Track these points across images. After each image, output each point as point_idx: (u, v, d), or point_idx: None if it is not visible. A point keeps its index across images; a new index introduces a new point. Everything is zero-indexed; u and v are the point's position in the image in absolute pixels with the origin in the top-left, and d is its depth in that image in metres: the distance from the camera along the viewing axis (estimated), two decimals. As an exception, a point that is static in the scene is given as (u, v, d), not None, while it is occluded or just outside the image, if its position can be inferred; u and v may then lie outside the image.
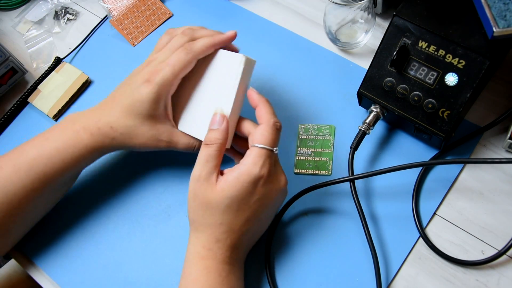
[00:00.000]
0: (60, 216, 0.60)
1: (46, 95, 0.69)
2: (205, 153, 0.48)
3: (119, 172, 0.62)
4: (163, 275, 0.56)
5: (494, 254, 0.50)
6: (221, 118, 0.49)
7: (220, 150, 0.48)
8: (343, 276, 0.53)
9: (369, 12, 0.61)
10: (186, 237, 0.57)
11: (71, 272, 0.57)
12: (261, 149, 0.47)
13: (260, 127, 0.49)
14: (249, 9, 0.71)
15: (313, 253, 0.54)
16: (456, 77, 0.51)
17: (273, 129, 0.48)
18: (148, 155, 0.62)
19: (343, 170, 0.57)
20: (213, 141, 0.48)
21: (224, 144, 0.49)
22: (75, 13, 0.77)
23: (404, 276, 0.52)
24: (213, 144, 0.48)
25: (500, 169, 0.55)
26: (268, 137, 0.48)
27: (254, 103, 0.51)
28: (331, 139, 0.60)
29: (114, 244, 0.58)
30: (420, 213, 0.54)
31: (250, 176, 0.47)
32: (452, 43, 0.51)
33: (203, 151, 0.48)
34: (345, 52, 0.66)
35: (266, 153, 0.47)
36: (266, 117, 0.49)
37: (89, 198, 0.61)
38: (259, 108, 0.50)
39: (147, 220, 0.59)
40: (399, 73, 0.54)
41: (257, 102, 0.51)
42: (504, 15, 0.48)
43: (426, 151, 0.57)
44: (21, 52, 0.76)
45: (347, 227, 0.55)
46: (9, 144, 0.67)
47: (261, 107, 0.50)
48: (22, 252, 0.59)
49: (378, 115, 0.56)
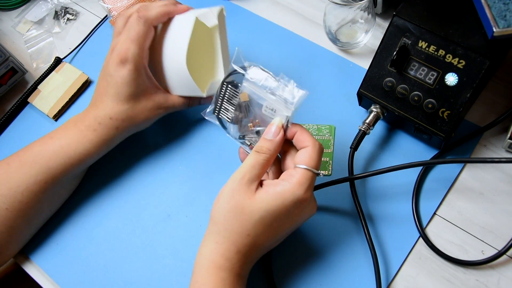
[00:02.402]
0: (60, 216, 0.60)
1: (46, 95, 0.69)
2: (253, 159, 0.47)
3: (119, 172, 0.62)
4: (163, 275, 0.56)
5: (494, 254, 0.51)
6: (277, 130, 0.48)
7: (268, 160, 0.47)
8: (343, 276, 0.53)
9: (369, 12, 0.61)
10: (186, 237, 0.57)
11: (71, 272, 0.57)
12: (307, 171, 0.46)
13: (307, 149, 0.47)
14: (249, 9, 0.71)
15: (313, 253, 0.54)
16: (456, 77, 0.51)
17: (320, 152, 0.47)
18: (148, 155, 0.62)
19: (343, 170, 0.57)
20: (264, 151, 0.47)
21: (274, 156, 0.48)
22: (75, 13, 0.77)
23: (404, 276, 0.52)
24: (263, 154, 0.47)
25: (500, 169, 0.55)
26: (315, 160, 0.47)
27: (291, 130, 0.49)
28: (331, 139, 0.60)
29: (114, 244, 0.58)
30: (420, 213, 0.54)
31: (295, 196, 0.45)
32: (452, 43, 0.51)
33: (252, 156, 0.47)
34: (345, 52, 0.66)
35: (312, 177, 0.46)
36: (312, 140, 0.48)
37: (89, 198, 0.61)
38: (300, 133, 0.48)
39: (147, 220, 0.59)
40: (399, 73, 0.54)
41: (294, 129, 0.49)
42: (504, 15, 0.48)
43: (426, 151, 0.57)
44: (21, 52, 0.76)
45: (347, 227, 0.55)
46: (9, 144, 0.67)
47: (301, 132, 0.48)
48: (22, 252, 0.59)
49: (378, 115, 0.56)
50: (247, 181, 0.46)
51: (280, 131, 0.48)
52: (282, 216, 0.46)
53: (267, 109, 0.50)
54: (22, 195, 0.53)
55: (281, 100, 0.49)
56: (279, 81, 0.49)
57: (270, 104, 0.49)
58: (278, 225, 0.46)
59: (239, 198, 0.46)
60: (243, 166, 0.47)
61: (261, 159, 0.47)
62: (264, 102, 0.50)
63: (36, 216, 0.56)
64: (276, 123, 0.48)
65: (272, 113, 0.49)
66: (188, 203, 0.59)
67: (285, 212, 0.46)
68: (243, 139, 0.53)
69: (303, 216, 0.48)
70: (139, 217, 0.59)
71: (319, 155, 0.47)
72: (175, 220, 0.59)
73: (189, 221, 0.58)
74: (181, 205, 0.59)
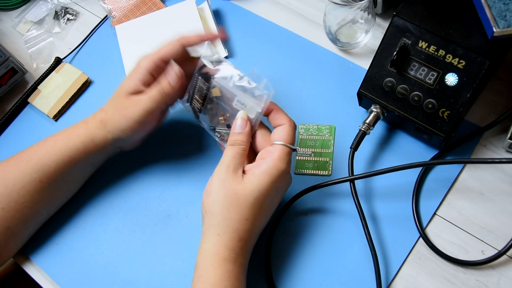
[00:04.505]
0: (60, 216, 0.60)
1: (46, 95, 0.69)
2: (231, 151, 0.50)
3: (119, 172, 0.62)
4: (163, 275, 0.56)
5: (494, 254, 0.50)
6: (243, 123, 0.51)
7: (245, 150, 0.51)
8: (343, 276, 0.53)
9: (369, 12, 0.61)
10: (186, 237, 0.57)
11: (71, 272, 0.57)
12: (285, 147, 0.50)
13: (284, 127, 0.51)
14: (249, 9, 0.71)
15: (313, 253, 0.54)
16: (456, 77, 0.51)
17: (294, 129, 0.52)
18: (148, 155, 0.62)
19: (343, 170, 0.57)
20: (239, 143, 0.51)
21: (248, 145, 0.51)
22: (75, 13, 0.77)
23: (404, 276, 0.52)
24: (239, 145, 0.51)
25: (500, 169, 0.55)
26: (292, 137, 0.51)
27: (267, 109, 0.52)
28: (331, 139, 0.60)
29: (114, 244, 0.58)
30: (420, 213, 0.54)
31: (279, 170, 0.48)
32: (452, 43, 0.51)
33: (229, 150, 0.50)
34: (345, 52, 0.66)
35: (289, 151, 0.50)
36: (287, 118, 0.52)
37: (89, 198, 0.61)
38: (276, 111, 0.52)
39: (147, 220, 0.59)
40: (399, 73, 0.54)
41: (270, 107, 0.52)
42: (504, 15, 0.48)
43: (426, 151, 0.57)
44: (21, 52, 0.76)
45: (347, 227, 0.55)
46: (9, 144, 0.67)
47: (277, 110, 0.52)
48: (22, 252, 0.59)
49: (378, 115, 0.56)
50: (233, 169, 0.49)
51: (247, 123, 0.52)
52: (272, 191, 0.49)
53: (238, 104, 0.52)
54: (18, 194, 0.53)
55: (251, 96, 0.51)
56: (249, 77, 0.52)
57: (241, 99, 0.52)
58: (270, 201, 0.49)
59: (230, 186, 0.48)
60: (225, 158, 0.50)
61: (239, 150, 0.50)
62: (235, 97, 0.52)
63: (32, 217, 0.56)
64: (241, 117, 0.52)
65: (243, 108, 0.52)
66: (188, 203, 0.59)
67: (274, 187, 0.49)
68: (214, 131, 0.56)
69: (285, 188, 0.52)
70: (139, 217, 0.59)
71: (294, 131, 0.52)
72: (175, 220, 0.59)
73: (189, 221, 0.58)
74: (181, 205, 0.59)
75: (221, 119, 0.54)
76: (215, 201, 0.48)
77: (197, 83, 0.55)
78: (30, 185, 0.54)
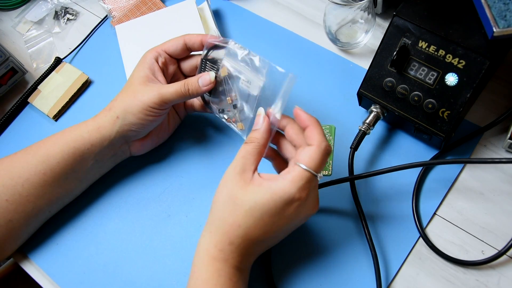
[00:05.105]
0: (60, 216, 0.60)
1: (46, 95, 0.69)
2: (244, 149, 0.48)
3: (119, 172, 0.62)
4: (163, 275, 0.56)
5: (494, 254, 0.50)
6: (261, 119, 0.49)
7: (258, 149, 0.48)
8: (343, 276, 0.53)
9: (369, 12, 0.61)
10: (186, 237, 0.57)
11: (71, 272, 0.57)
12: (305, 171, 0.45)
13: (310, 148, 0.46)
14: (249, 9, 0.71)
15: (313, 253, 0.54)
16: (456, 77, 0.51)
17: (324, 154, 0.46)
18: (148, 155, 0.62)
19: (343, 170, 0.57)
20: (252, 140, 0.48)
21: (263, 144, 0.48)
22: (75, 13, 0.77)
23: (404, 276, 0.52)
24: (251, 143, 0.48)
25: (500, 169, 0.55)
26: (316, 161, 0.46)
27: (304, 123, 0.48)
28: (331, 139, 0.60)
29: (114, 244, 0.58)
30: (420, 213, 0.54)
31: (285, 194, 0.45)
32: (452, 43, 0.51)
33: (243, 147, 0.48)
34: (345, 52, 0.66)
35: (309, 177, 0.45)
36: (318, 139, 0.46)
37: (89, 198, 0.61)
38: (310, 129, 0.48)
39: (147, 220, 0.59)
40: (399, 73, 0.54)
41: (308, 122, 0.48)
42: (504, 15, 0.48)
43: (426, 151, 0.57)
44: (21, 52, 0.76)
45: (347, 227, 0.55)
46: (9, 144, 0.67)
47: (312, 128, 0.48)
48: (22, 252, 0.59)
49: (378, 115, 0.56)
50: (239, 171, 0.47)
51: (265, 119, 0.49)
52: (272, 212, 0.45)
53: (243, 82, 0.51)
54: (23, 187, 0.54)
55: (254, 72, 0.50)
56: (254, 56, 0.51)
57: (246, 76, 0.51)
58: (270, 220, 0.46)
59: (231, 188, 0.47)
60: (235, 158, 0.48)
61: (250, 149, 0.48)
62: (242, 75, 0.51)
63: (34, 213, 0.56)
64: (258, 113, 0.50)
65: (248, 85, 0.51)
66: (188, 203, 0.59)
67: (275, 207, 0.45)
68: (222, 113, 0.55)
69: (300, 216, 0.47)
70: (139, 217, 0.59)
71: (323, 157, 0.46)
72: (175, 220, 0.59)
73: (189, 221, 0.58)
74: (181, 205, 0.59)
75: (229, 99, 0.54)
76: (216, 199, 0.48)
77: (205, 68, 0.55)
78: (34, 177, 0.54)
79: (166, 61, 0.56)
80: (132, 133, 0.56)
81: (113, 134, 0.55)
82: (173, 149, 0.62)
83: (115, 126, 0.55)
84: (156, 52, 0.56)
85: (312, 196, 0.47)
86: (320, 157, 0.46)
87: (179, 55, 0.57)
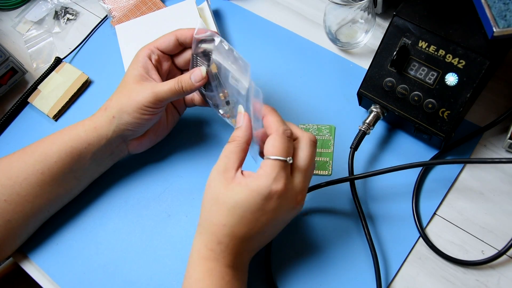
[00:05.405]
0: (60, 216, 0.60)
1: (46, 95, 0.69)
2: (227, 148, 0.48)
3: (119, 172, 0.62)
4: (163, 275, 0.56)
5: (494, 254, 0.50)
6: (239, 117, 0.49)
7: (239, 147, 0.48)
8: (343, 276, 0.53)
9: (369, 12, 0.61)
10: (186, 237, 0.57)
11: (71, 272, 0.57)
12: (273, 161, 0.45)
13: (270, 137, 0.47)
14: (249, 9, 0.71)
15: (313, 253, 0.54)
16: (456, 77, 0.51)
17: (283, 138, 0.46)
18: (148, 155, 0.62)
19: (343, 170, 0.57)
20: (234, 139, 0.48)
21: (245, 142, 0.48)
22: (75, 13, 0.77)
23: (404, 276, 0.52)
24: (234, 141, 0.48)
25: (500, 169, 0.55)
26: (279, 147, 0.46)
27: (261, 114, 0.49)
28: (331, 139, 0.60)
29: (114, 244, 0.58)
30: (420, 213, 0.54)
31: (261, 189, 0.45)
32: (452, 43, 0.51)
33: (225, 147, 0.48)
34: (345, 52, 0.66)
35: (280, 165, 0.45)
36: (275, 126, 0.47)
37: (89, 197, 0.61)
38: (266, 118, 0.48)
39: (147, 220, 0.59)
40: (399, 73, 0.54)
41: (264, 112, 0.49)
42: (504, 15, 0.48)
43: (426, 151, 0.57)
44: (21, 52, 0.76)
45: (347, 227, 0.55)
46: (9, 144, 0.67)
47: (268, 116, 0.48)
48: (22, 252, 0.59)
49: (378, 115, 0.56)
50: (222, 170, 0.47)
51: (245, 117, 0.49)
52: (253, 208, 0.45)
53: (232, 80, 0.51)
54: (21, 186, 0.54)
55: (240, 71, 0.49)
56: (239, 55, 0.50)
57: (234, 75, 0.50)
58: (253, 217, 0.45)
59: (214, 188, 0.47)
60: (219, 157, 0.48)
61: (232, 147, 0.48)
62: (230, 73, 0.51)
63: (33, 213, 0.56)
64: (238, 111, 0.50)
65: (236, 84, 0.50)
66: (188, 203, 0.59)
67: (254, 204, 0.45)
68: (217, 108, 0.55)
69: (282, 208, 0.46)
70: (139, 217, 0.59)
71: (284, 140, 0.46)
72: (175, 220, 0.59)
73: (189, 221, 0.58)
74: (181, 205, 0.59)
75: (221, 96, 0.54)
76: (203, 200, 0.48)
77: (197, 63, 0.55)
78: (32, 177, 0.54)
79: (160, 58, 0.56)
80: (129, 132, 0.56)
81: (110, 134, 0.55)
82: (173, 149, 0.62)
83: (111, 126, 0.55)
84: (149, 50, 0.56)
85: (292, 186, 0.46)
86: (282, 141, 0.46)
87: (172, 51, 0.57)
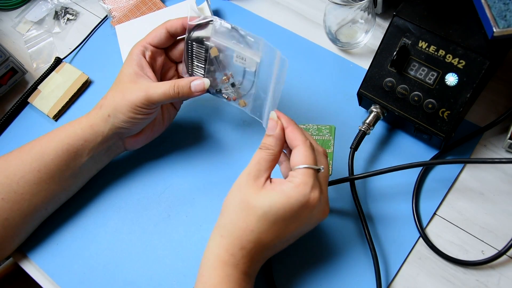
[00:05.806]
0: (60, 216, 0.60)
1: (46, 95, 0.69)
2: (258, 155, 0.48)
3: (119, 171, 0.62)
4: (163, 275, 0.56)
5: (494, 254, 0.51)
6: (272, 124, 0.49)
7: (273, 155, 0.48)
8: (343, 276, 0.53)
9: (369, 12, 0.61)
10: (186, 237, 0.57)
11: (71, 272, 0.57)
12: (307, 169, 0.46)
13: (298, 148, 0.47)
14: (249, 9, 0.71)
15: (313, 253, 0.54)
16: (456, 77, 0.51)
17: (312, 149, 0.48)
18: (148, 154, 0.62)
19: (343, 170, 0.57)
20: (266, 147, 0.48)
21: (278, 150, 0.48)
22: (75, 13, 0.77)
23: (404, 276, 0.52)
24: (266, 149, 0.48)
25: (500, 169, 0.55)
26: (311, 157, 0.47)
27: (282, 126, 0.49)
28: (331, 139, 0.60)
29: (114, 244, 0.58)
30: (420, 213, 0.54)
31: (301, 196, 0.45)
32: (452, 43, 0.51)
33: (257, 153, 0.48)
34: (345, 52, 0.66)
35: (314, 174, 0.46)
36: (302, 138, 0.48)
37: (89, 197, 0.61)
38: (290, 130, 0.49)
39: (147, 220, 0.59)
40: (399, 73, 0.54)
41: (286, 124, 0.49)
42: (504, 15, 0.48)
43: (426, 151, 0.57)
44: (21, 52, 0.76)
45: (347, 227, 0.55)
46: (9, 144, 0.67)
47: (291, 128, 0.49)
48: (22, 252, 0.59)
49: (378, 115, 0.56)
50: (253, 176, 0.47)
51: (278, 125, 0.49)
52: (287, 215, 0.45)
53: (237, 59, 0.50)
54: (18, 184, 0.54)
55: (248, 48, 0.49)
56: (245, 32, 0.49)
57: (239, 53, 0.50)
58: (284, 224, 0.46)
59: (245, 192, 0.46)
60: (250, 163, 0.48)
61: (264, 155, 0.48)
62: (234, 53, 0.50)
63: (30, 211, 0.55)
64: (270, 117, 0.49)
65: (243, 62, 0.50)
66: (188, 203, 0.59)
67: (290, 210, 0.45)
68: (220, 93, 0.55)
69: (312, 219, 0.47)
70: (139, 217, 0.59)
71: (312, 151, 0.47)
72: (175, 220, 0.59)
73: (189, 221, 0.58)
74: (181, 205, 0.59)
75: (225, 79, 0.53)
76: (229, 203, 0.48)
77: (193, 50, 0.54)
78: (29, 175, 0.54)
79: (153, 54, 0.56)
80: (124, 130, 0.56)
81: (106, 131, 0.55)
82: (173, 149, 0.62)
83: (107, 124, 0.55)
84: (142, 47, 0.55)
85: (323, 197, 0.48)
86: (311, 152, 0.47)
87: (164, 44, 0.56)
